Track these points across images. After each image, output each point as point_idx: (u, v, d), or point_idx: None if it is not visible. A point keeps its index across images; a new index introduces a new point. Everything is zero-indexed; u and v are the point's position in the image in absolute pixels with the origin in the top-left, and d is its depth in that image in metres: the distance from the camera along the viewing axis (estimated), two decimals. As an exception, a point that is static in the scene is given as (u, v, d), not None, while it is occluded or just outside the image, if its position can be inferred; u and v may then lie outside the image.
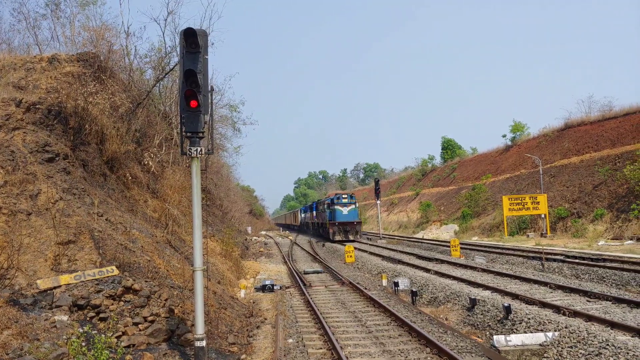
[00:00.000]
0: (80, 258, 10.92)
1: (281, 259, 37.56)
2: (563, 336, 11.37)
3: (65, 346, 8.49)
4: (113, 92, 18.14)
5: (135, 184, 18.60)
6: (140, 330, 10.17)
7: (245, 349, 12.01)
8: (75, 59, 18.75)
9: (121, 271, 10.95)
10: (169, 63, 23.92)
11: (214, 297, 14.32)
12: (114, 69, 21.01)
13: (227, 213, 43.09)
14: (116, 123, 18.14)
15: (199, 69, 9.78)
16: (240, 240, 38.41)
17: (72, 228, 11.37)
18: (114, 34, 22.09)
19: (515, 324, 13.27)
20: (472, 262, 28.03)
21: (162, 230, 17.47)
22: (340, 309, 17.12)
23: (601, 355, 10.03)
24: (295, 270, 27.73)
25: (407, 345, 12.16)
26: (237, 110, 35.82)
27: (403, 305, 17.35)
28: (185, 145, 10.22)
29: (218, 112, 32.15)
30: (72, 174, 14.05)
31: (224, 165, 44.96)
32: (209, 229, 24.65)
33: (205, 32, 10.12)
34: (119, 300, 10.38)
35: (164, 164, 22.00)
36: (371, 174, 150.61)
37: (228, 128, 36.77)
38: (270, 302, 18.70)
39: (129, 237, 13.48)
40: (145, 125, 22.52)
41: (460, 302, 16.72)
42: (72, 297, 9.86)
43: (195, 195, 10.23)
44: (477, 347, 11.75)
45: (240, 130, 37.26)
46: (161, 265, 13.40)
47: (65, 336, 8.79)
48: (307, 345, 12.45)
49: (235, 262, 25.38)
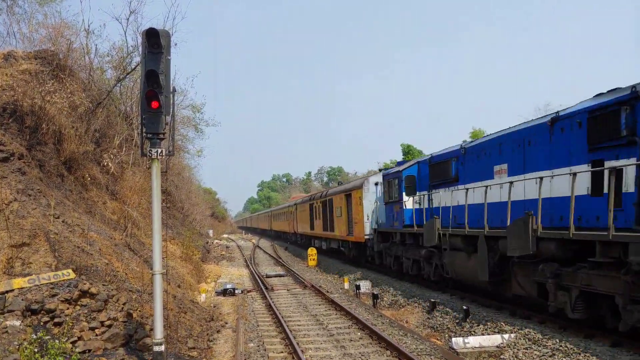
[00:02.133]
0: (35, 261, 10.61)
1: (243, 262, 37.35)
2: (519, 338, 11.62)
3: (17, 352, 8.24)
4: (72, 91, 17.72)
5: (93, 185, 18.20)
6: (96, 335, 9.95)
7: (205, 353, 11.89)
8: (33, 56, 18.25)
9: (78, 274, 10.68)
10: (130, 63, 23.51)
11: (173, 301, 14.12)
12: (73, 67, 20.50)
13: (188, 216, 42.56)
14: (75, 123, 17.72)
15: (161, 70, 9.66)
16: (202, 244, 38.00)
17: (27, 230, 11.04)
18: (74, 32, 21.56)
19: (474, 327, 13.50)
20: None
21: (121, 233, 17.14)
22: (302, 312, 17.11)
23: (554, 357, 10.29)
24: (257, 273, 27.61)
25: (367, 348, 12.24)
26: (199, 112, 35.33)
27: (364, 308, 17.46)
28: (146, 147, 10.07)
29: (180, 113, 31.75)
30: (27, 174, 13.65)
31: (185, 167, 44.40)
32: (169, 231, 24.31)
33: (168, 33, 10.01)
34: (75, 305, 10.11)
35: (123, 165, 21.60)
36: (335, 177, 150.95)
37: (190, 129, 36.34)
38: (231, 306, 18.56)
39: (86, 239, 13.18)
40: (105, 125, 22.07)
41: (421, 304, 16.91)
42: (25, 301, 9.56)
43: (155, 198, 10.09)
44: (436, 350, 11.90)
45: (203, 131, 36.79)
46: (120, 269, 13.14)
47: (18, 342, 8.52)
48: (268, 349, 12.41)
49: (195, 266, 25.10)
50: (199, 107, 35.00)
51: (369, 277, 23.30)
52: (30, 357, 7.92)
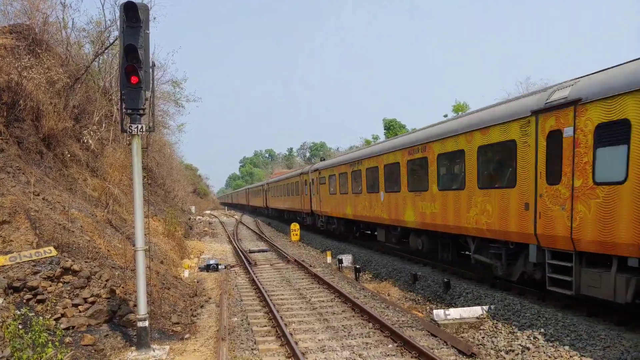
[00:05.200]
0: (16, 239, 10.53)
1: (226, 238, 37.41)
2: (498, 309, 11.87)
3: (0, 330, 8.23)
4: (49, 67, 17.38)
5: (73, 162, 18.00)
6: (80, 312, 9.97)
7: (189, 329, 11.97)
8: (8, 30, 17.83)
9: (60, 252, 10.65)
10: (108, 37, 23.06)
11: (156, 278, 14.15)
12: (50, 42, 20.07)
13: (169, 192, 42.36)
14: (53, 99, 17.43)
15: (140, 44, 9.55)
16: (184, 220, 37.93)
17: (7, 208, 10.94)
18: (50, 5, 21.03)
19: (454, 299, 13.75)
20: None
21: (103, 210, 17.04)
22: (286, 286, 17.26)
23: (533, 326, 10.55)
24: (241, 249, 27.69)
25: (350, 321, 12.42)
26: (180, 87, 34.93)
27: (347, 281, 17.65)
28: (126, 123, 10.00)
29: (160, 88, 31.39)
30: (5, 151, 13.47)
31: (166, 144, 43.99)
32: (151, 208, 24.21)
33: (146, 6, 9.85)
34: (58, 282, 10.10)
35: (104, 141, 21.36)
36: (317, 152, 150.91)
37: (170, 105, 35.95)
38: (214, 281, 18.64)
39: (67, 217, 13.09)
40: (84, 101, 21.74)
41: (402, 277, 17.14)
42: (7, 279, 9.53)
43: (136, 174, 10.05)
44: (417, 322, 12.12)
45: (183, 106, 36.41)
46: (102, 246, 13.10)
47: (1, 319, 8.51)
48: (251, 323, 12.53)
49: (178, 242, 25.09)
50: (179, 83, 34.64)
51: (351, 251, 23.51)
52: (14, 334, 7.92)
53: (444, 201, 14.89)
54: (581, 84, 9.94)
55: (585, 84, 9.83)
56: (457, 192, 14.17)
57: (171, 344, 10.62)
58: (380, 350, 10.20)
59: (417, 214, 16.69)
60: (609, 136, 9.09)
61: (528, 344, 9.91)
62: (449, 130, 14.63)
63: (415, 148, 16.71)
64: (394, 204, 18.76)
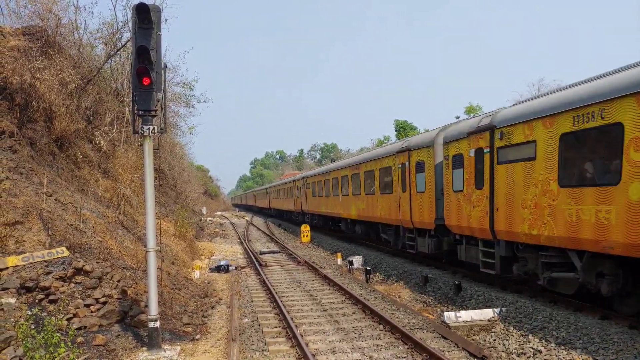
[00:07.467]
0: (29, 239, 10.61)
1: (237, 239, 37.48)
2: (510, 312, 11.79)
3: (13, 329, 8.28)
4: (62, 68, 17.52)
5: (85, 163, 18.12)
6: (92, 312, 10.02)
7: (200, 329, 12.00)
8: (21, 32, 17.99)
9: (72, 252, 10.71)
10: (120, 39, 23.24)
11: (167, 278, 14.21)
12: (63, 44, 20.25)
13: (181, 193, 42.53)
14: (65, 100, 17.57)
15: (152, 46, 9.59)
16: (195, 221, 38.06)
17: (20, 208, 11.03)
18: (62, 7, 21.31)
19: (465, 301, 13.67)
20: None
21: (114, 211, 17.13)
22: (296, 288, 17.26)
23: (545, 329, 10.47)
24: (251, 250, 27.74)
25: (360, 323, 12.39)
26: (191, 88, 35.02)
27: (357, 283, 17.62)
28: (138, 124, 10.03)
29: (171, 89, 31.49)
30: (18, 152, 13.57)
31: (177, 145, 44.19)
32: (163, 209, 24.31)
33: (158, 8, 9.91)
34: (70, 282, 10.16)
35: (115, 142, 21.49)
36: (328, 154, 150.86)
37: (182, 106, 36.08)
38: (225, 282, 18.68)
39: (79, 217, 13.17)
40: (96, 102, 21.89)
41: (413, 279, 17.08)
42: (20, 279, 9.59)
43: (148, 175, 10.09)
44: (428, 324, 12.06)
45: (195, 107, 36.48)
46: (113, 246, 13.17)
47: (13, 319, 8.57)
48: (262, 325, 12.53)
49: (189, 243, 25.19)
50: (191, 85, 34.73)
51: (361, 252, 23.47)
52: (27, 334, 7.97)
53: (368, 201, 23.57)
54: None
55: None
56: (373, 196, 22.78)
57: (182, 344, 10.65)
58: (391, 352, 10.16)
59: (357, 210, 25.59)
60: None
61: (540, 347, 9.83)
62: (368, 157, 24.33)
63: (355, 166, 25.75)
64: (346, 203, 27.69)
